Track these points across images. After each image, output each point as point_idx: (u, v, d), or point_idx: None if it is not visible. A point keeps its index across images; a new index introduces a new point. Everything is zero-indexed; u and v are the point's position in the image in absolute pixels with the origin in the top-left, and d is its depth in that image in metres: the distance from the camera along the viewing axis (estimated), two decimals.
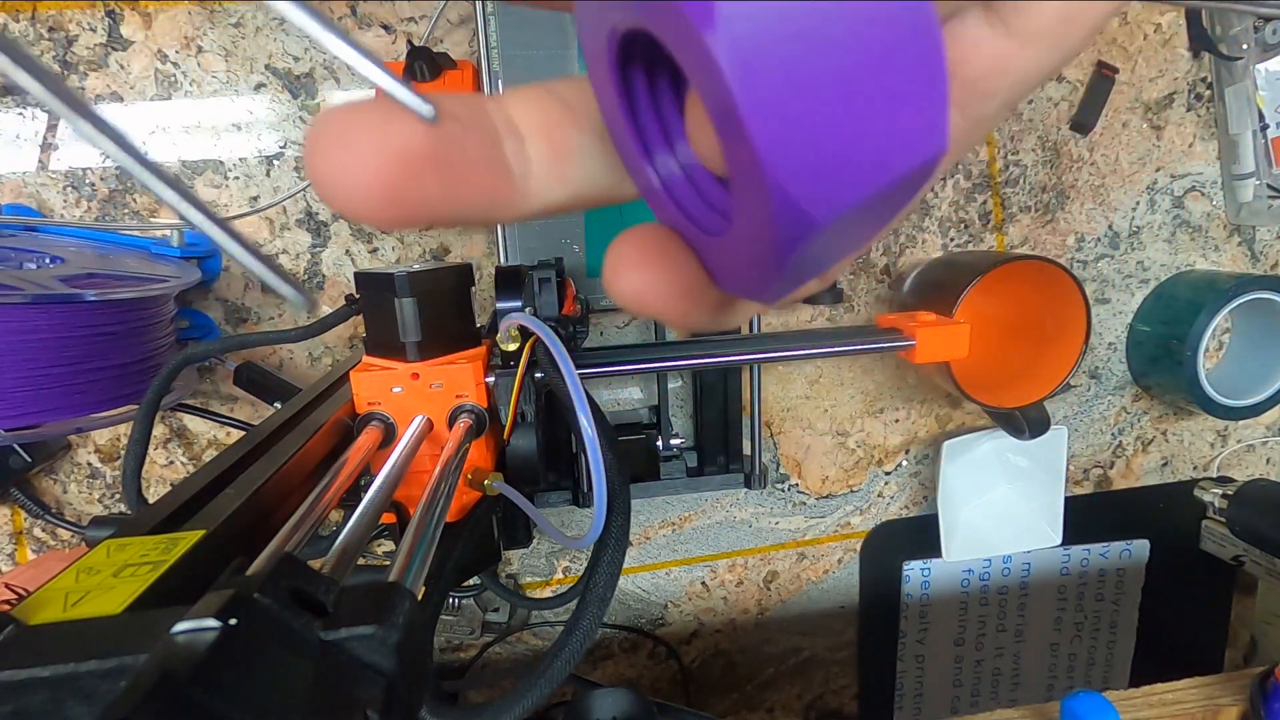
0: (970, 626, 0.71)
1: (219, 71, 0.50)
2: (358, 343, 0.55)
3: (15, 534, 0.54)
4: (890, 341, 0.46)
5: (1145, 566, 0.71)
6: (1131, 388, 0.67)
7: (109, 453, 0.54)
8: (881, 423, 0.64)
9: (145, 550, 0.18)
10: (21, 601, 0.15)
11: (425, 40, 0.50)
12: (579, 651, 0.26)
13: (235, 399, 0.54)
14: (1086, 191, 0.62)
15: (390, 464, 0.26)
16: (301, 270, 0.53)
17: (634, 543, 0.63)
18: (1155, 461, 0.70)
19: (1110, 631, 0.74)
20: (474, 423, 0.32)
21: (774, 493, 0.64)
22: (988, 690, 0.74)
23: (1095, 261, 0.64)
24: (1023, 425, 0.55)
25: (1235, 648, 0.76)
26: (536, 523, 0.30)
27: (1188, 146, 0.63)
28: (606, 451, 0.28)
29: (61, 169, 0.49)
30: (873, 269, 0.61)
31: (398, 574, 0.19)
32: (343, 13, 0.50)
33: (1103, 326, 0.65)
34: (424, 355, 0.32)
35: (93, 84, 0.48)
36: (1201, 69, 0.61)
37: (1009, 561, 0.70)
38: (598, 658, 0.66)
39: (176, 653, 0.12)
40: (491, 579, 0.57)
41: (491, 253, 0.55)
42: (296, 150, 0.52)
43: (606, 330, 0.58)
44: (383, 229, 0.16)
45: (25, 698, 0.12)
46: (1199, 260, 0.65)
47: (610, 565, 0.27)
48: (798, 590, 0.68)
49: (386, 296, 0.31)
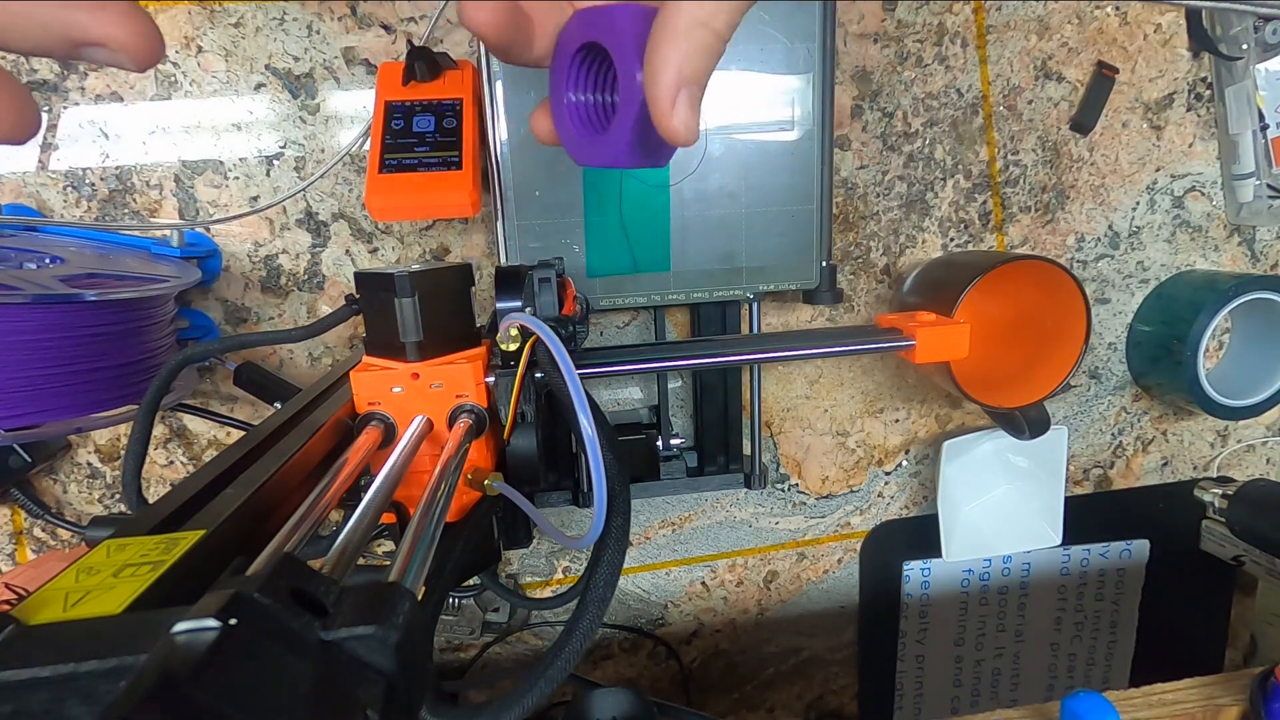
0: (970, 626, 0.71)
1: (219, 71, 0.50)
2: (358, 343, 0.55)
3: (15, 534, 0.54)
4: (890, 341, 0.46)
5: (1145, 566, 0.71)
6: (1131, 388, 0.67)
7: (109, 453, 0.54)
8: (881, 423, 0.64)
9: (145, 550, 0.18)
10: (21, 601, 0.15)
11: (425, 40, 0.50)
12: (579, 651, 0.26)
13: (235, 399, 0.54)
14: (1086, 191, 0.62)
15: (390, 464, 0.26)
16: (301, 270, 0.53)
17: (634, 543, 0.63)
18: (1155, 461, 0.70)
19: (1110, 631, 0.74)
20: (474, 423, 0.32)
21: (774, 493, 0.64)
22: (988, 690, 0.74)
23: (1095, 261, 0.64)
24: (1023, 425, 0.55)
25: (1235, 648, 0.76)
26: (536, 523, 0.30)
27: (1188, 146, 0.63)
28: (606, 451, 0.28)
29: (61, 169, 0.49)
30: (873, 269, 0.61)
31: (398, 574, 0.19)
32: (343, 12, 0.50)
33: (1103, 326, 0.65)
34: (424, 355, 0.32)
35: (93, 84, 0.49)
36: (1201, 69, 0.61)
37: (1009, 561, 0.70)
38: (598, 658, 0.66)
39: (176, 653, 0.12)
40: (491, 579, 0.57)
41: (491, 253, 0.55)
42: (296, 150, 0.52)
43: (606, 330, 0.58)
44: (492, 49, 0.26)
45: (25, 698, 0.12)
46: (1199, 260, 0.65)
47: (610, 565, 0.27)
48: (798, 590, 0.68)
49: (386, 296, 0.31)
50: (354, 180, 0.53)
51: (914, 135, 0.59)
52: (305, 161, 0.52)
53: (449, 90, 0.45)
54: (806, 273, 0.52)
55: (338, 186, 0.53)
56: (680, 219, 0.49)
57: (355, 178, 0.53)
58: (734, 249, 0.50)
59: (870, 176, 0.59)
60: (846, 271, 0.60)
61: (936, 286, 0.55)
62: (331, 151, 0.52)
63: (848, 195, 0.59)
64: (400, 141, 0.43)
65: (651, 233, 0.49)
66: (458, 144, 0.43)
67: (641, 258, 0.49)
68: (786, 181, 0.50)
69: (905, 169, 0.59)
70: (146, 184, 0.50)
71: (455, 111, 0.44)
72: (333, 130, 0.52)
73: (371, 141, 0.43)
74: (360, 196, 0.53)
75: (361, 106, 0.52)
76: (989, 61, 0.59)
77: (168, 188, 0.51)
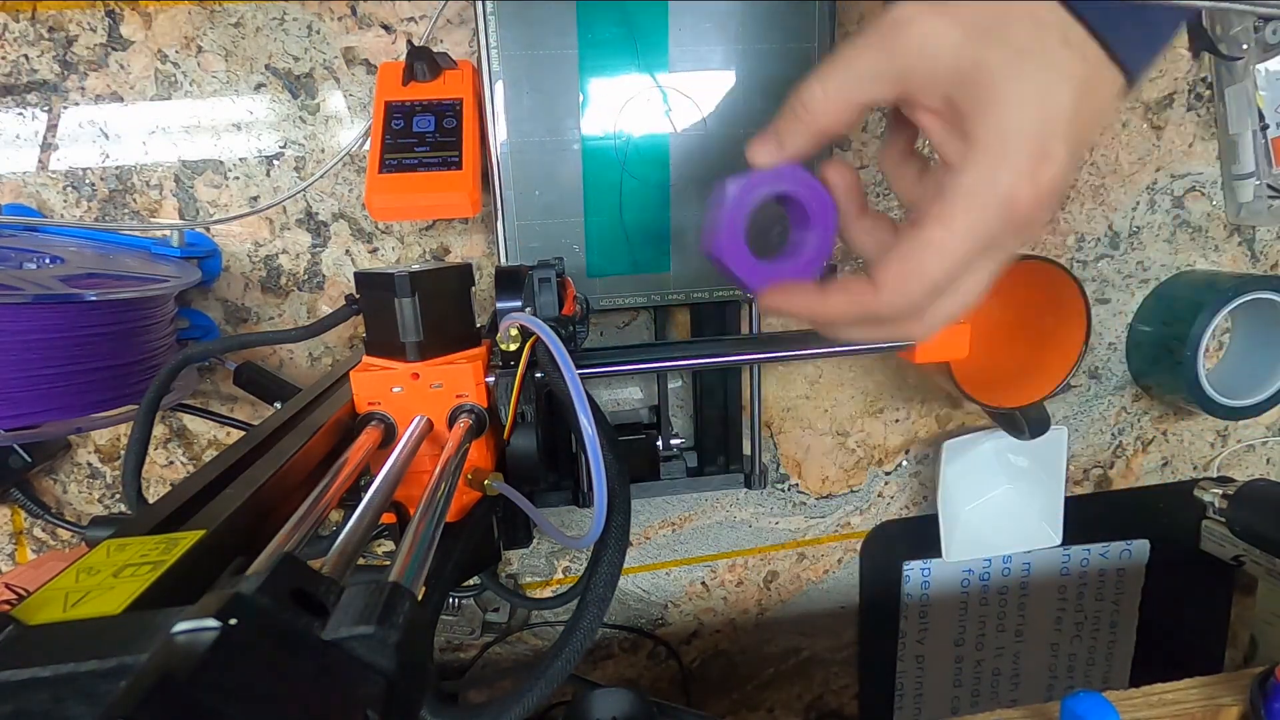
0: (970, 626, 0.71)
1: (219, 71, 0.50)
2: (358, 343, 0.55)
3: (15, 534, 0.54)
4: (890, 341, 0.46)
5: (1145, 566, 0.71)
6: (1131, 388, 0.67)
7: (109, 453, 0.54)
8: (881, 423, 0.64)
9: (145, 550, 0.18)
10: (21, 601, 0.15)
11: (425, 40, 0.50)
12: (579, 651, 0.26)
13: (235, 399, 0.54)
14: (1086, 191, 0.62)
15: (390, 464, 0.26)
16: (301, 270, 0.53)
17: (634, 543, 0.63)
18: (1155, 461, 0.70)
19: (1110, 631, 0.74)
20: (474, 423, 0.32)
21: (774, 493, 0.64)
22: (988, 690, 0.74)
23: (1095, 261, 0.64)
24: (1023, 425, 0.55)
25: (1235, 648, 0.76)
26: (536, 523, 0.30)
27: (1188, 146, 0.63)
28: (606, 451, 0.28)
29: (61, 169, 0.49)
30: None
31: (398, 574, 0.19)
32: (343, 13, 0.50)
33: (1103, 326, 0.65)
34: (424, 355, 0.32)
35: (93, 84, 0.49)
36: (1201, 69, 0.61)
37: (1009, 561, 0.70)
38: (598, 658, 0.66)
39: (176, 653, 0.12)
40: (491, 579, 0.57)
41: (491, 253, 0.55)
42: (296, 150, 0.52)
43: (606, 330, 0.58)
44: None
45: (25, 698, 0.12)
46: (1199, 260, 0.65)
47: (610, 565, 0.28)
48: (798, 590, 0.68)
49: (386, 296, 0.31)
50: (354, 180, 0.53)
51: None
52: (305, 161, 0.52)
53: (449, 90, 0.45)
54: None
55: (338, 186, 0.53)
56: (680, 219, 0.49)
57: (355, 178, 0.53)
58: None
59: (870, 176, 0.59)
60: (846, 272, 0.60)
61: None
62: (331, 151, 0.52)
63: None
64: (400, 141, 0.43)
65: (651, 233, 0.49)
66: (458, 144, 0.43)
67: (641, 258, 0.49)
68: None
69: None
70: (146, 184, 0.50)
71: (455, 111, 0.44)
72: (333, 130, 0.52)
73: (371, 141, 0.43)
74: (360, 196, 0.53)
75: (361, 106, 0.52)
76: None
77: (168, 188, 0.51)
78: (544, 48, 0.45)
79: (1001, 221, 0.25)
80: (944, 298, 0.28)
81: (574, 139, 0.47)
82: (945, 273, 0.27)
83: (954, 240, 0.26)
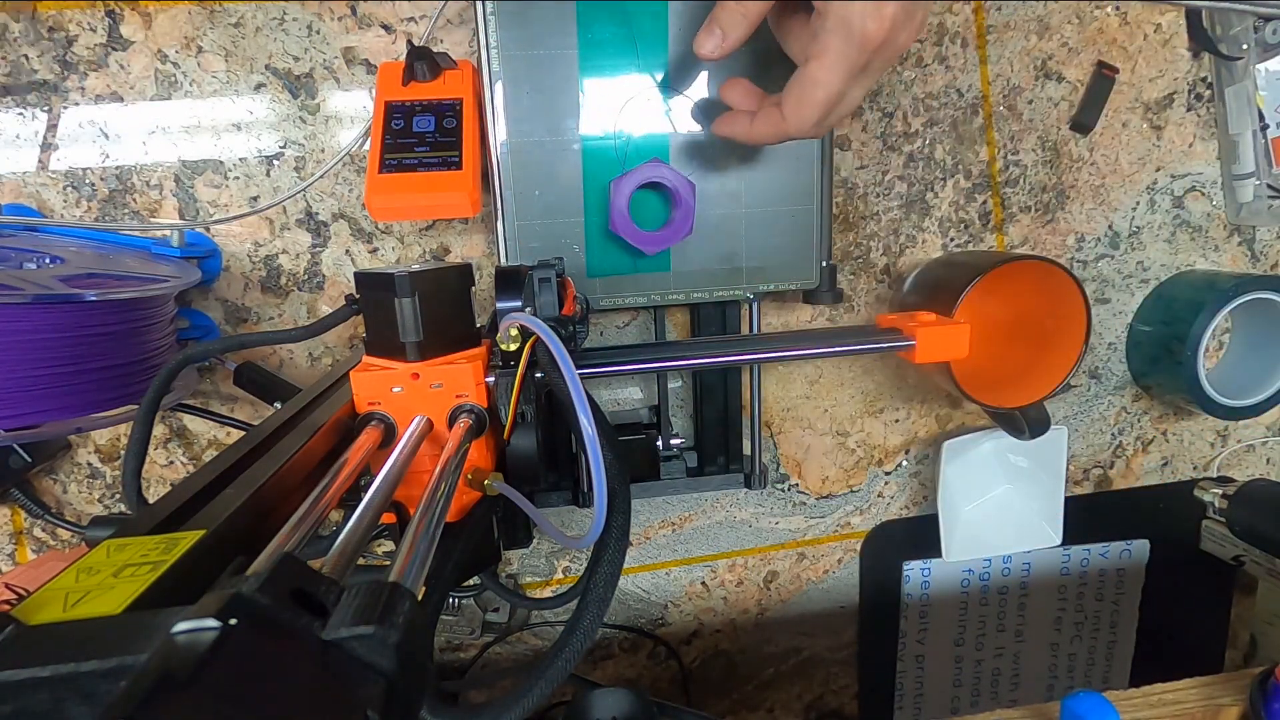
0: (970, 626, 0.71)
1: (219, 71, 0.50)
2: (358, 343, 0.55)
3: (15, 534, 0.54)
4: (890, 341, 0.46)
5: (1145, 566, 0.71)
6: (1131, 388, 0.67)
7: (109, 453, 0.54)
8: (881, 423, 0.64)
9: (145, 550, 0.18)
10: (21, 601, 0.15)
11: (425, 40, 0.50)
12: (579, 651, 0.26)
13: (235, 399, 0.54)
14: (1086, 191, 0.62)
15: (390, 464, 0.26)
16: (301, 270, 0.53)
17: (634, 543, 0.63)
18: (1155, 461, 0.70)
19: (1110, 631, 0.74)
20: (474, 423, 0.32)
21: (774, 493, 0.64)
22: (988, 690, 0.74)
23: (1095, 261, 0.64)
24: (1023, 425, 0.55)
25: (1235, 648, 0.76)
26: (536, 523, 0.30)
27: (1188, 146, 0.63)
28: (606, 451, 0.28)
29: (61, 169, 0.49)
30: (873, 269, 0.61)
31: (398, 574, 0.19)
32: (343, 13, 0.50)
33: (1103, 326, 0.65)
34: (424, 355, 0.32)
35: (93, 84, 0.49)
36: (1201, 69, 0.61)
37: (1009, 561, 0.70)
38: (598, 658, 0.66)
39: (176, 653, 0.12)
40: (491, 579, 0.57)
41: (491, 253, 0.55)
42: (296, 150, 0.52)
43: (606, 330, 0.58)
44: None
45: (25, 698, 0.12)
46: (1199, 260, 0.65)
47: (610, 565, 0.27)
48: (798, 590, 0.68)
49: (386, 296, 0.31)
50: (354, 180, 0.53)
51: (914, 135, 0.59)
52: (305, 161, 0.52)
53: (449, 90, 0.45)
54: (806, 273, 0.52)
55: (338, 186, 0.53)
56: None
57: (355, 178, 0.53)
58: (734, 249, 0.50)
59: (870, 176, 0.59)
60: (846, 271, 0.60)
61: (936, 286, 0.55)
62: (331, 151, 0.52)
63: (848, 195, 0.59)
64: (400, 141, 0.43)
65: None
66: (458, 144, 0.43)
67: (641, 258, 0.49)
68: (787, 181, 0.50)
69: (905, 169, 0.59)
70: (146, 184, 0.50)
71: (455, 111, 0.44)
72: (333, 130, 0.52)
73: (371, 141, 0.43)
74: (360, 196, 0.53)
75: (361, 106, 0.52)
76: (989, 61, 0.59)
77: (168, 188, 0.51)
78: (544, 48, 0.45)
79: (861, 50, 0.33)
80: (832, 113, 0.37)
81: (574, 139, 0.47)
82: (828, 96, 0.35)
83: (828, 73, 0.34)
